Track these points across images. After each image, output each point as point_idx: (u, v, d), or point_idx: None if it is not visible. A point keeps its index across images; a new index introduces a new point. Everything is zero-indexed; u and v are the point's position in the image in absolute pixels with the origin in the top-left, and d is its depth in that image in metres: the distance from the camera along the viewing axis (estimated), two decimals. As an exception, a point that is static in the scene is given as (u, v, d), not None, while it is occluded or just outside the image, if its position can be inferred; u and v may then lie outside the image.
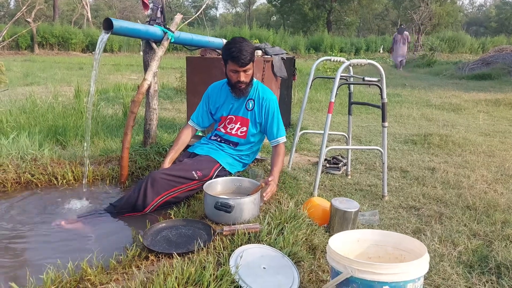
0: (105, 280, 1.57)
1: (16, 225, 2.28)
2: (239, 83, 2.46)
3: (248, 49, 2.36)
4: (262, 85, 2.67)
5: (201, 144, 2.72)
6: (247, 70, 2.42)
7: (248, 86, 2.52)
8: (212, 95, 2.72)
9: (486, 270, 1.95)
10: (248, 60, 2.37)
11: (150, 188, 2.29)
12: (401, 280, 1.34)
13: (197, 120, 2.76)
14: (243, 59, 2.34)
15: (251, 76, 2.49)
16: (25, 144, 3.21)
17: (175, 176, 2.34)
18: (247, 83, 2.48)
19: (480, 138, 4.82)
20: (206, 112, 2.75)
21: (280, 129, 2.58)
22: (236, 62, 2.36)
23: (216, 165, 2.51)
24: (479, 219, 2.54)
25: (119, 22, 2.63)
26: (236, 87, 2.50)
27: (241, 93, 2.53)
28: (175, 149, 2.66)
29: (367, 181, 3.30)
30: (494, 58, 13.52)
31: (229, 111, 2.66)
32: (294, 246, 1.89)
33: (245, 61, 2.36)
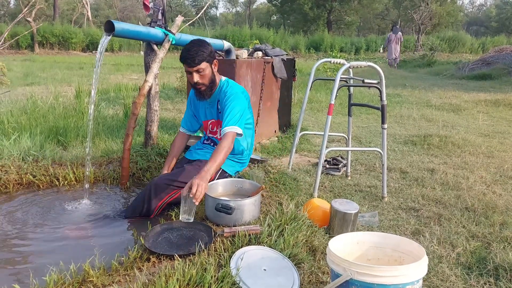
0: (107, 282, 1.58)
1: (18, 226, 2.30)
2: (196, 85, 2.41)
3: (196, 49, 2.32)
4: (231, 83, 2.59)
5: (197, 150, 2.74)
6: (199, 71, 2.36)
7: (209, 88, 2.45)
8: (193, 99, 2.73)
9: (484, 272, 1.97)
10: (198, 60, 2.31)
11: (153, 194, 2.34)
12: (400, 282, 1.36)
13: (186, 126, 2.79)
14: (190, 58, 2.31)
15: (208, 77, 2.41)
16: (26, 145, 3.23)
17: (177, 181, 2.36)
18: (205, 84, 2.42)
19: (480, 139, 4.83)
20: (192, 116, 2.76)
21: (231, 119, 2.35)
22: (184, 62, 2.35)
23: None
24: (477, 221, 2.56)
25: (120, 25, 2.64)
26: (195, 89, 2.46)
27: (201, 95, 2.47)
28: (172, 157, 2.69)
29: (367, 182, 3.32)
30: (494, 58, 13.53)
31: (205, 115, 2.66)
32: (294, 248, 1.91)
33: (192, 61, 2.31)
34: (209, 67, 2.41)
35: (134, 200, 2.47)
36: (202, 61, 2.34)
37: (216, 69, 2.49)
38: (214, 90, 2.51)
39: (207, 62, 2.38)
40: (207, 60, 2.37)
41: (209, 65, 2.40)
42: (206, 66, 2.38)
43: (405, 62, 18.24)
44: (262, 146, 4.20)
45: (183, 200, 1.96)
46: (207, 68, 2.39)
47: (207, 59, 2.37)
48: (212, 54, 2.41)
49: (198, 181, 1.97)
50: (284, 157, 3.97)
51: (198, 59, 2.32)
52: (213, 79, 2.46)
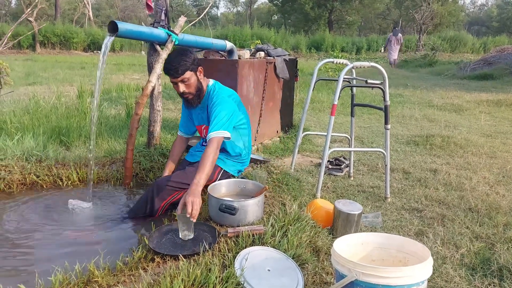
0: (112, 282, 1.59)
1: (23, 226, 2.31)
2: (183, 94, 2.40)
3: (181, 59, 2.30)
4: (218, 87, 2.56)
5: (196, 152, 2.74)
6: (184, 81, 2.34)
7: (196, 96, 2.44)
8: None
9: (488, 273, 1.97)
10: (181, 71, 2.30)
11: (156, 195, 2.36)
12: (405, 283, 1.36)
13: (184, 129, 2.79)
14: (172, 70, 2.30)
15: (194, 85, 2.40)
16: (29, 145, 3.23)
17: (179, 183, 2.37)
18: (192, 93, 2.40)
19: (482, 139, 4.83)
20: (188, 119, 2.75)
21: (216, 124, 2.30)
22: (168, 74, 2.34)
23: (218, 169, 2.53)
24: (481, 222, 2.56)
25: (124, 25, 2.65)
26: (183, 98, 2.45)
27: (189, 103, 2.47)
28: (171, 160, 2.69)
29: (370, 183, 3.32)
30: (495, 58, 13.51)
31: (198, 120, 2.66)
32: (298, 249, 1.91)
33: (176, 72, 2.30)
34: (194, 75, 2.38)
35: (138, 201, 2.47)
36: (186, 71, 2.31)
37: (201, 76, 2.46)
38: (202, 97, 2.50)
39: (191, 70, 2.35)
40: (191, 69, 2.34)
41: (194, 73, 2.38)
42: (191, 75, 2.35)
43: (406, 62, 18.24)
44: (264, 146, 4.20)
45: (179, 220, 1.95)
46: (192, 76, 2.37)
47: (191, 67, 2.34)
48: (196, 62, 2.38)
49: (191, 199, 1.94)
50: (287, 157, 3.97)
51: (181, 69, 2.30)
52: (199, 87, 2.44)
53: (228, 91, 2.57)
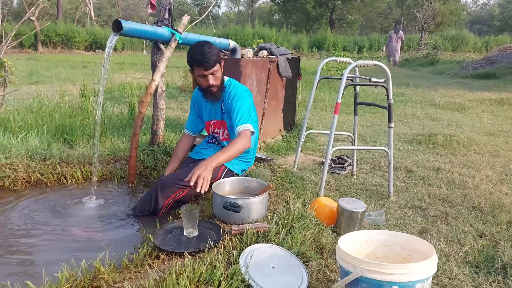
0: (118, 279, 1.60)
1: (28, 224, 2.32)
2: (210, 87, 2.40)
3: (211, 51, 2.32)
4: (233, 82, 2.59)
5: (201, 150, 2.74)
6: (214, 73, 2.36)
7: (220, 89, 2.46)
8: (196, 100, 2.73)
9: (492, 270, 1.97)
10: (213, 62, 2.32)
11: (160, 193, 2.35)
12: (410, 280, 1.37)
13: (191, 127, 2.79)
14: (207, 61, 2.29)
15: (220, 78, 2.44)
16: (33, 143, 3.25)
17: (182, 180, 2.36)
18: (217, 86, 2.42)
19: (485, 138, 4.83)
20: (196, 117, 2.76)
21: (242, 117, 2.37)
22: (201, 66, 2.32)
23: (222, 167, 2.53)
24: (484, 220, 2.56)
25: (128, 24, 2.66)
26: (208, 91, 2.44)
27: (213, 97, 2.47)
28: (175, 158, 2.70)
29: (373, 181, 3.32)
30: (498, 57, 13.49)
31: (209, 116, 2.67)
32: (302, 246, 1.92)
33: (210, 64, 2.31)
34: (220, 68, 2.43)
35: (142, 199, 2.48)
36: (216, 63, 2.35)
37: (222, 69, 2.50)
38: (222, 91, 2.52)
39: (219, 63, 2.39)
40: (219, 62, 2.39)
41: (220, 66, 2.42)
42: (218, 67, 2.39)
43: (408, 61, 18.21)
44: (267, 145, 4.21)
45: (184, 217, 1.97)
46: (219, 69, 2.41)
47: (218, 60, 2.38)
48: (219, 54, 2.42)
49: (201, 172, 2.00)
50: (289, 156, 3.97)
51: (213, 61, 2.32)
52: (222, 80, 2.48)
53: (243, 87, 2.59)
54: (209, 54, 2.30)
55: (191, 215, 1.95)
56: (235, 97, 2.44)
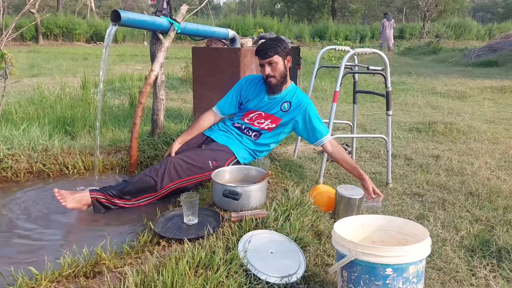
0: (119, 264, 1.63)
1: (31, 213, 2.36)
2: (268, 77, 2.53)
3: (270, 43, 2.49)
4: (299, 89, 2.72)
5: (220, 131, 2.74)
6: (271, 63, 2.49)
7: (279, 83, 2.57)
8: (246, 86, 2.77)
9: (487, 254, 2.00)
10: (270, 52, 2.46)
11: (167, 174, 2.32)
12: (404, 262, 1.40)
13: (222, 108, 2.80)
14: (262, 51, 2.48)
15: (280, 71, 2.53)
16: (35, 134, 3.27)
17: (191, 165, 2.38)
18: (275, 77, 2.53)
19: (485, 126, 4.83)
20: (236, 102, 2.78)
21: (323, 128, 2.60)
22: (257, 54, 2.52)
23: (232, 157, 2.56)
24: (481, 205, 2.59)
25: (126, 14, 2.67)
26: (266, 82, 2.58)
27: (271, 89, 2.59)
28: (189, 132, 2.70)
29: (372, 169, 3.34)
30: (500, 45, 13.41)
31: (260, 106, 2.69)
32: (300, 232, 1.95)
33: (265, 53, 2.47)
34: (282, 61, 2.53)
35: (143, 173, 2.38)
36: (275, 54, 2.48)
37: (289, 65, 2.59)
38: (284, 86, 2.63)
39: (280, 56, 2.50)
40: (280, 54, 2.50)
41: (282, 59, 2.52)
42: (278, 59, 2.51)
43: (410, 49, 18.12)
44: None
45: (184, 205, 2.00)
46: (280, 61, 2.52)
47: (280, 53, 2.50)
48: (286, 50, 2.53)
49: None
50: (290, 145, 4.00)
51: (270, 51, 2.46)
52: (284, 73, 2.57)
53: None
54: (269, 45, 2.48)
55: (191, 203, 1.98)
56: (312, 108, 2.62)
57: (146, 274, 1.52)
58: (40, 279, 1.52)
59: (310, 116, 2.59)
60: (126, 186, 2.35)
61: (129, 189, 2.35)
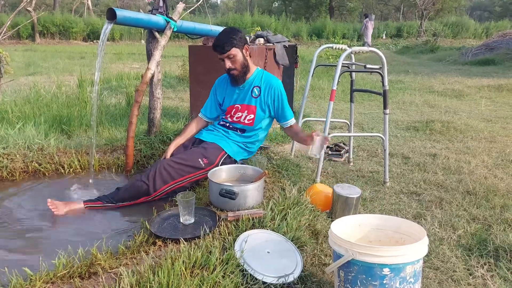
0: (115, 265, 1.62)
1: (26, 212, 2.34)
2: (230, 70, 2.52)
3: (226, 36, 2.45)
4: (267, 72, 2.71)
5: (207, 131, 2.76)
6: (230, 56, 2.47)
7: (241, 73, 2.56)
8: (219, 86, 2.78)
9: (484, 253, 2.00)
10: (228, 46, 2.43)
11: (159, 176, 2.35)
12: (401, 262, 1.39)
13: (205, 112, 2.81)
14: (219, 46, 2.44)
15: (241, 62, 2.52)
16: (31, 133, 3.25)
17: (182, 165, 2.39)
18: (237, 69, 2.52)
19: (482, 124, 4.84)
20: (215, 103, 2.79)
21: (290, 112, 2.63)
22: (215, 50, 2.48)
23: (222, 152, 2.55)
24: (478, 204, 2.59)
25: (122, 12, 2.65)
26: (229, 74, 2.58)
27: (235, 80, 2.59)
28: (182, 136, 2.71)
29: (369, 168, 3.34)
30: (497, 43, 13.44)
31: (234, 100, 2.69)
32: (297, 231, 1.94)
33: (221, 49, 2.44)
34: (240, 52, 2.50)
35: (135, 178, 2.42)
36: (232, 47, 2.45)
37: (248, 53, 2.57)
38: (248, 75, 2.62)
39: (237, 47, 2.48)
40: (237, 46, 2.47)
41: (240, 50, 2.50)
42: (237, 51, 2.48)
43: (407, 48, 18.16)
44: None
45: (180, 205, 1.99)
46: (238, 53, 2.49)
47: (237, 45, 2.47)
48: (242, 40, 2.51)
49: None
50: (287, 144, 3.99)
51: (227, 45, 2.43)
52: (245, 63, 2.56)
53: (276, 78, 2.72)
54: (224, 39, 2.44)
55: (187, 203, 1.97)
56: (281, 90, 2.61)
57: (141, 275, 1.51)
58: (35, 280, 1.50)
59: (282, 96, 2.60)
60: (119, 193, 2.38)
61: (122, 196, 2.38)
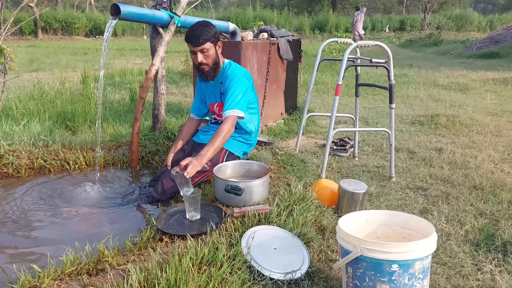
0: (122, 262, 1.62)
1: (33, 209, 2.35)
2: (200, 65, 2.42)
3: (203, 29, 2.35)
4: (233, 65, 2.58)
5: (204, 132, 2.75)
6: (203, 51, 2.37)
7: (212, 69, 2.47)
8: (200, 85, 2.73)
9: (492, 248, 1.99)
10: (202, 40, 2.33)
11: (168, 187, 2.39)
12: (410, 258, 1.38)
13: (195, 111, 2.79)
14: (194, 38, 2.33)
15: (212, 58, 2.42)
16: (36, 130, 3.26)
17: None
18: (209, 65, 2.43)
19: (488, 118, 4.80)
20: (200, 101, 2.76)
21: (232, 103, 2.37)
22: (190, 42, 2.37)
23: (223, 151, 2.53)
24: (485, 199, 2.57)
25: (126, 8, 2.63)
26: (199, 69, 2.46)
27: (204, 76, 2.49)
28: (179, 140, 2.72)
29: (375, 163, 3.32)
30: (502, 36, 13.34)
31: (211, 98, 2.66)
32: (303, 227, 1.94)
33: (197, 40, 2.33)
34: (213, 48, 2.42)
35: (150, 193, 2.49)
36: (207, 41, 2.36)
37: (220, 50, 2.49)
38: (217, 71, 2.52)
39: (212, 42, 2.39)
40: (212, 41, 2.38)
41: (213, 46, 2.41)
42: (210, 46, 2.39)
43: (411, 41, 18.05)
44: (269, 128, 4.21)
45: (186, 201, 1.99)
46: (211, 48, 2.40)
47: (212, 39, 2.38)
48: (217, 36, 2.42)
49: (194, 162, 2.08)
50: (291, 139, 3.98)
51: (202, 38, 2.34)
52: (217, 60, 2.47)
53: (243, 70, 2.58)
54: (200, 31, 2.34)
55: (194, 199, 1.96)
56: (231, 81, 2.45)
57: (149, 272, 1.51)
58: (43, 276, 1.51)
59: (231, 84, 2.43)
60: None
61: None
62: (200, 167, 2.11)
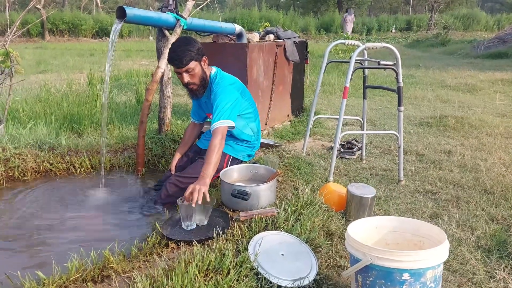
0: (127, 268, 1.60)
1: (38, 213, 2.34)
2: (188, 85, 2.36)
3: (185, 48, 2.26)
4: (219, 75, 2.50)
5: (206, 139, 2.72)
6: (189, 71, 2.30)
7: (201, 87, 2.40)
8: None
9: (505, 255, 1.94)
10: (185, 61, 2.25)
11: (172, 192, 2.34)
12: (421, 267, 1.35)
13: (195, 116, 2.76)
14: (177, 59, 2.26)
15: (199, 76, 2.36)
16: (42, 133, 3.26)
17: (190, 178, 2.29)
18: (196, 83, 2.36)
19: (497, 120, 4.74)
20: (198, 107, 2.73)
21: (218, 114, 2.28)
22: (172, 64, 2.31)
23: (226, 157, 2.49)
24: (497, 203, 2.52)
25: (132, 11, 2.62)
26: (188, 89, 2.41)
27: (194, 94, 2.43)
28: (182, 145, 2.70)
29: (383, 166, 3.28)
30: (510, 36, 13.19)
31: (208, 109, 2.61)
32: (311, 233, 1.91)
33: (180, 62, 2.25)
34: (199, 65, 2.34)
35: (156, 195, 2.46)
36: (190, 61, 2.27)
37: (206, 65, 2.42)
38: (206, 86, 2.45)
39: (196, 60, 2.30)
40: (196, 59, 2.30)
41: (198, 63, 2.33)
42: (195, 65, 2.31)
43: (418, 41, 17.93)
44: (275, 130, 4.18)
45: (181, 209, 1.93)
46: (196, 67, 2.32)
47: (195, 57, 2.29)
48: (200, 51, 2.33)
49: (198, 187, 1.95)
50: (298, 141, 3.94)
51: (185, 59, 2.25)
52: (203, 77, 2.40)
53: (230, 79, 2.51)
54: (181, 52, 2.25)
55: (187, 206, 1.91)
56: (216, 94, 2.36)
57: (155, 279, 1.49)
58: (48, 283, 1.49)
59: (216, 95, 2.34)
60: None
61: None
62: (205, 188, 1.99)
